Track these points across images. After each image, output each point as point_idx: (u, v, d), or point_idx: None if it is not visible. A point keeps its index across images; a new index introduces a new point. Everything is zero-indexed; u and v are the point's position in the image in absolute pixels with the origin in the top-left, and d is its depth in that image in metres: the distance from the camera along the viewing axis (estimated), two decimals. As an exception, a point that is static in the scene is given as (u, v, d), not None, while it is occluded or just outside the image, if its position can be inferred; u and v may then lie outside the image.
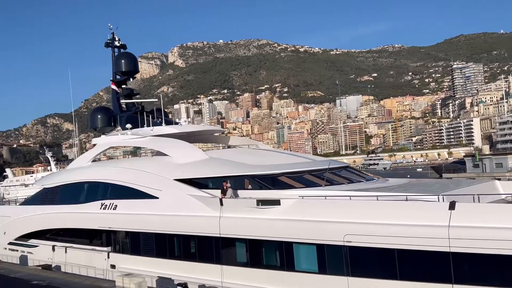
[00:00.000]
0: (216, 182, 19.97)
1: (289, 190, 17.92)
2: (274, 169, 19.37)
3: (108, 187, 23.54)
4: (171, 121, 28.24)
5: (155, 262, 20.31)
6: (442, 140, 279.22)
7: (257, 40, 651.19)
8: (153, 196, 20.97)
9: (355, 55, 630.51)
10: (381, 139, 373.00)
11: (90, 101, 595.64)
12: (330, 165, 19.58)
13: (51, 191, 27.35)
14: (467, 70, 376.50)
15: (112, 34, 29.80)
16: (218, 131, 30.15)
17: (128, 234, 21.80)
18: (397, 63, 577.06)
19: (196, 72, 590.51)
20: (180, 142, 23.37)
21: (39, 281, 20.27)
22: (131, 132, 25.73)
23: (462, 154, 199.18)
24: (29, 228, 27.26)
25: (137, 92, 30.21)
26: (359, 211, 14.82)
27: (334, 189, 17.56)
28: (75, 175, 26.37)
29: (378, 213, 14.41)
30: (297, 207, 16.25)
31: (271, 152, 25.62)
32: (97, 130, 28.57)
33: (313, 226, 15.43)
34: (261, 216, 16.85)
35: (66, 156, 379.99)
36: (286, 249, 16.03)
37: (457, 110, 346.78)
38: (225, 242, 17.92)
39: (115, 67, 28.91)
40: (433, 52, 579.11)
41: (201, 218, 18.68)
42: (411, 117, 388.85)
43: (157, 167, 22.20)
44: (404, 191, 16.06)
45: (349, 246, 14.51)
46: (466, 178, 61.29)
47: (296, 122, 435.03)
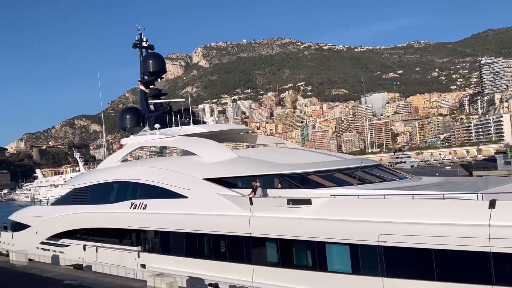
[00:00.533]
0: (245, 182, 19.81)
1: (320, 189, 17.64)
2: (304, 168, 19.10)
3: (137, 186, 23.66)
4: (199, 120, 28.27)
5: (185, 261, 20.29)
6: (470, 137, 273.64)
7: (280, 39, 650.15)
8: (183, 196, 20.96)
9: (380, 52, 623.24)
10: (407, 136, 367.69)
11: (116, 103, 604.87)
12: (361, 164, 19.22)
13: (82, 191, 27.67)
14: (496, 66, 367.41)
15: (139, 35, 30.03)
16: (245, 130, 30.06)
17: (158, 233, 21.85)
18: (423, 59, 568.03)
19: (219, 72, 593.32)
20: (209, 142, 23.33)
21: (71, 281, 20.56)
22: (160, 132, 25.83)
23: (491, 151, 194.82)
24: (60, 228, 27.63)
25: (164, 92, 30.35)
26: (394, 210, 14.44)
27: (366, 188, 17.20)
28: (105, 175, 26.61)
29: (414, 212, 14.02)
30: (329, 206, 15.96)
31: (300, 150, 25.36)
32: (126, 130, 28.80)
33: (345, 225, 15.12)
34: (291, 215, 16.62)
35: (93, 157, 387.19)
36: (318, 249, 15.76)
37: (485, 106, 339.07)
38: (255, 242, 17.75)
39: (143, 67, 29.11)
40: (460, 48, 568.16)
41: (231, 218, 18.56)
42: (438, 114, 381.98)
43: (186, 167, 22.20)
44: (440, 190, 15.61)
45: (384, 246, 14.15)
46: (498, 176, 59.81)
47: (321, 121, 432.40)
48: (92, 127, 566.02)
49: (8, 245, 32.34)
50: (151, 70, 28.85)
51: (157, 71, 29.17)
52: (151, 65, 28.80)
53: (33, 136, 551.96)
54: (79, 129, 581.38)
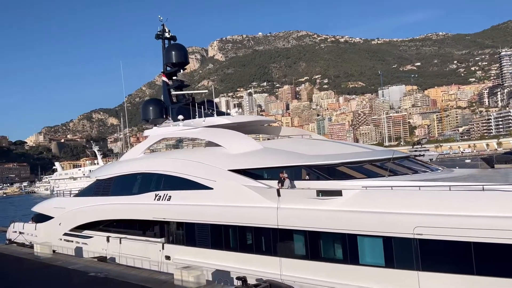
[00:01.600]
0: (272, 173, 19.50)
1: (350, 181, 17.23)
2: (333, 159, 18.68)
3: (161, 178, 23.51)
4: (223, 112, 27.99)
5: (210, 253, 20.10)
6: (490, 130, 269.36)
7: (296, 31, 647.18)
8: (208, 187, 20.74)
9: (397, 44, 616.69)
10: (425, 129, 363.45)
11: (133, 96, 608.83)
12: (391, 155, 18.75)
13: (105, 182, 27.64)
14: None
15: (162, 26, 29.76)
16: (269, 122, 29.71)
17: (182, 225, 21.68)
18: (441, 52, 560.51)
19: (235, 66, 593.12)
20: (234, 133, 23.04)
21: (96, 273, 20.46)
22: (183, 123, 25.64)
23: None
24: (84, 219, 27.67)
25: (187, 84, 30.12)
26: (431, 202, 13.97)
27: (399, 180, 16.73)
28: (128, 167, 26.53)
29: (452, 204, 13.55)
30: (361, 197, 15.57)
31: (327, 142, 24.95)
32: (149, 121, 28.67)
33: (379, 218, 14.71)
34: (321, 207, 16.27)
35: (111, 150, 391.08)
36: (350, 241, 15.38)
37: (506, 99, 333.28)
38: (283, 234, 17.44)
39: (166, 58, 28.88)
40: (479, 40, 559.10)
41: (258, 209, 18.27)
42: (457, 106, 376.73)
43: (211, 158, 21.96)
44: (478, 181, 15.09)
45: (419, 239, 13.72)
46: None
47: (337, 114, 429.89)
48: (109, 121, 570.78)
49: (32, 236, 32.55)
50: (174, 61, 28.62)
51: (180, 62, 28.92)
52: (174, 56, 28.56)
53: (52, 130, 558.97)
54: (97, 122, 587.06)
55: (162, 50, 29.68)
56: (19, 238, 32.83)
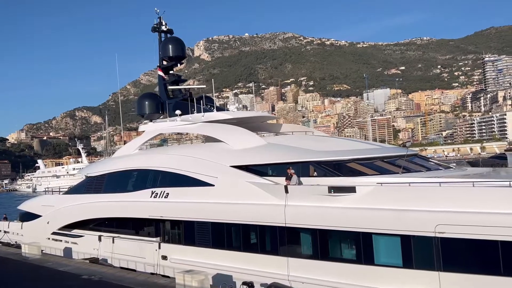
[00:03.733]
0: (277, 169, 18.80)
1: (361, 177, 16.56)
2: (342, 155, 18.01)
3: (158, 174, 22.63)
4: (222, 107, 27.20)
5: (211, 252, 19.27)
6: (473, 134, 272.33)
7: (283, 33, 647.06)
8: (209, 184, 19.92)
9: (382, 48, 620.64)
10: (409, 133, 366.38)
11: (117, 94, 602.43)
12: (401, 153, 18.17)
13: (96, 179, 26.63)
14: (499, 63, 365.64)
15: (159, 19, 28.84)
16: (271, 118, 28.99)
17: (181, 223, 20.82)
18: (425, 56, 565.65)
19: (221, 66, 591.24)
20: (235, 128, 22.25)
21: (89, 276, 19.42)
22: (181, 118, 24.78)
23: (495, 149, 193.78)
24: (74, 218, 26.64)
25: (184, 79, 29.25)
26: (453, 198, 13.34)
27: (413, 177, 16.11)
28: (122, 163, 25.57)
29: (476, 201, 12.93)
30: (377, 194, 14.88)
31: (334, 138, 24.32)
32: (145, 117, 27.77)
33: (397, 215, 14.03)
34: (333, 204, 15.55)
35: (94, 148, 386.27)
36: (364, 240, 14.68)
37: (489, 104, 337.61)
38: (291, 233, 16.70)
39: (162, 52, 28.02)
40: (463, 45, 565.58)
41: (264, 207, 17.51)
42: (440, 111, 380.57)
43: (212, 154, 21.15)
44: (501, 178, 14.52)
45: (441, 238, 13.07)
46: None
47: (322, 116, 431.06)
48: (93, 119, 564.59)
49: (17, 235, 31.36)
50: (171, 55, 27.77)
51: (177, 56, 28.11)
52: (171, 50, 27.71)
53: (34, 127, 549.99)
54: (80, 120, 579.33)
55: (158, 43, 28.77)
56: (4, 237, 31.56)
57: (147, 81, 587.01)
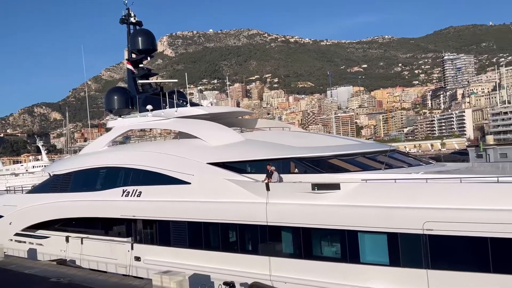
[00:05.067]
0: (256, 166, 18.29)
1: (344, 174, 16.23)
2: (324, 151, 17.66)
3: (130, 172, 21.72)
4: (196, 103, 26.41)
5: (188, 253, 18.60)
6: (434, 131, 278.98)
7: (247, 30, 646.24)
8: (184, 182, 19.21)
9: (345, 46, 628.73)
10: (372, 130, 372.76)
11: (78, 90, 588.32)
12: (382, 148, 17.93)
13: (63, 178, 25.45)
14: (458, 62, 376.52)
15: (127, 10, 27.78)
16: (246, 113, 28.39)
17: (155, 223, 20.03)
18: (387, 54, 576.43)
19: (185, 62, 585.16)
20: (212, 124, 21.57)
21: (58, 278, 18.45)
22: (152, 114, 23.89)
23: (455, 145, 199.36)
24: (39, 218, 25.39)
25: (155, 73, 28.28)
26: (442, 195, 13.14)
27: (397, 173, 15.86)
28: (91, 161, 24.49)
29: (465, 197, 12.76)
30: (362, 191, 14.56)
31: (313, 134, 23.93)
32: (113, 112, 26.66)
33: (383, 212, 13.74)
34: (317, 201, 15.16)
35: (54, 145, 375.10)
36: (349, 238, 14.35)
37: (448, 101, 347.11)
38: (273, 231, 16.22)
39: (131, 45, 26.99)
40: (423, 44, 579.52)
41: (244, 205, 16.96)
42: (402, 108, 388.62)
43: (187, 150, 20.42)
44: (489, 173, 14.42)
45: (429, 235, 12.84)
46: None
47: (287, 113, 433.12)
48: (53, 115, 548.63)
49: (-24, 237, 29.66)
50: (140, 48, 26.80)
51: (147, 49, 27.11)
52: (140, 43, 26.74)
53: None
54: (39, 117, 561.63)
55: (127, 36, 27.72)
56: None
57: (108, 77, 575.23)
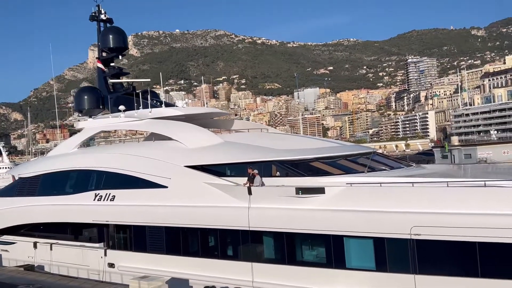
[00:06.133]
0: (236, 169, 17.82)
1: (327, 177, 15.96)
2: (306, 154, 17.33)
3: (102, 175, 20.88)
4: (170, 104, 25.70)
5: (166, 259, 17.95)
6: (398, 132, 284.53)
7: (214, 30, 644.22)
8: (161, 185, 18.55)
9: (312, 48, 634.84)
10: (337, 131, 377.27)
11: (40, 90, 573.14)
12: (364, 151, 17.78)
13: (30, 181, 24.28)
14: (421, 64, 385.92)
15: (97, 7, 26.85)
16: (222, 114, 27.82)
17: (130, 228, 19.29)
18: (352, 57, 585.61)
19: (151, 62, 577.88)
20: (188, 125, 20.96)
21: (26, 285, 17.50)
22: (125, 114, 23.07)
23: (419, 146, 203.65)
24: (5, 223, 24.18)
25: (126, 72, 27.41)
26: (429, 199, 13.01)
27: (379, 176, 15.73)
28: (60, 163, 23.44)
29: (453, 201, 12.67)
30: (347, 195, 14.31)
31: (292, 136, 23.59)
32: (83, 112, 25.65)
33: (369, 217, 13.53)
34: (301, 206, 14.82)
35: (15, 147, 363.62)
36: (335, 243, 14.08)
37: (411, 103, 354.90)
38: (255, 236, 15.79)
39: (102, 43, 26.05)
40: (387, 47, 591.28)
41: (225, 209, 16.47)
42: (367, 109, 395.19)
43: (163, 153, 19.75)
44: (474, 177, 14.41)
45: (417, 240, 12.69)
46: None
47: (255, 114, 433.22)
48: (13, 116, 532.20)
49: None
50: (111, 46, 25.86)
51: (118, 47, 26.18)
52: (111, 41, 25.82)
53: None
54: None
55: (97, 33, 26.82)
56: None
57: (72, 77, 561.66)
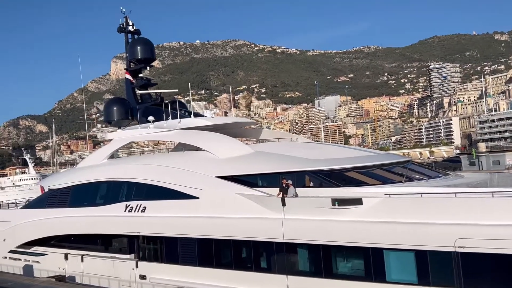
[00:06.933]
0: (267, 180, 17.58)
1: (363, 188, 15.60)
2: (340, 164, 16.98)
3: (133, 186, 20.85)
4: (199, 113, 25.67)
5: (198, 271, 17.74)
6: (421, 139, 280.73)
7: (234, 40, 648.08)
8: (192, 196, 18.40)
9: (332, 56, 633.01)
10: (359, 139, 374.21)
11: (64, 102, 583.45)
12: (399, 159, 17.34)
13: (61, 192, 24.45)
14: (444, 70, 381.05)
15: (125, 19, 27.09)
16: (251, 124, 27.71)
17: (161, 239, 19.17)
18: (373, 64, 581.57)
19: (173, 73, 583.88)
20: (219, 135, 20.81)
21: (59, 296, 17.53)
22: (154, 125, 23.08)
23: (443, 153, 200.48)
24: (36, 234, 24.34)
25: (154, 83, 27.52)
26: (474, 210, 12.51)
27: (418, 186, 15.28)
28: (90, 174, 23.55)
29: (499, 212, 12.15)
30: (386, 206, 13.90)
31: (324, 145, 23.28)
32: (112, 123, 25.82)
33: (410, 229, 13.10)
34: (338, 217, 14.46)
35: (40, 158, 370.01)
36: (374, 256, 13.67)
37: (435, 109, 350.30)
38: (290, 248, 15.47)
39: (130, 54, 26.30)
40: (408, 53, 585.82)
41: (258, 221, 16.21)
42: (389, 117, 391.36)
43: (194, 163, 19.63)
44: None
45: (462, 253, 12.21)
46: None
47: (275, 123, 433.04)
48: (38, 128, 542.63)
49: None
50: (139, 57, 26.12)
51: (146, 58, 26.40)
52: (139, 52, 26.04)
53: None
54: (24, 129, 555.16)
55: (125, 45, 27.03)
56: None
57: (95, 88, 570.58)
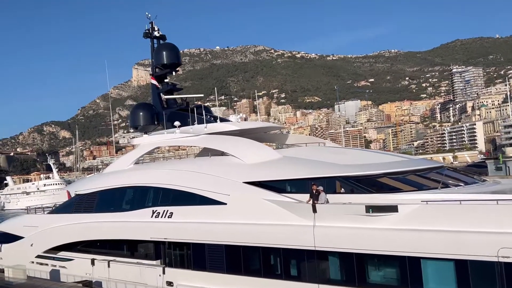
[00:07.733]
0: (296, 186, 17.23)
1: (398, 194, 15.12)
2: (372, 169, 16.54)
3: (159, 192, 20.73)
4: (225, 118, 25.50)
5: (226, 278, 17.47)
6: (444, 144, 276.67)
7: (254, 46, 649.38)
8: (219, 202, 18.16)
9: (352, 61, 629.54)
10: (381, 144, 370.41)
11: (87, 109, 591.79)
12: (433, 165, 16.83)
13: (87, 197, 24.49)
14: (466, 74, 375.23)
15: (150, 24, 27.16)
16: (278, 128, 27.43)
17: (188, 245, 18.97)
18: (393, 68, 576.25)
19: (193, 79, 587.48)
20: (245, 140, 20.58)
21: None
22: (180, 130, 22.97)
23: (467, 158, 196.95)
24: (62, 240, 24.41)
25: (179, 88, 27.48)
26: None
27: (456, 192, 14.75)
28: (116, 180, 23.54)
29: None
30: (423, 214, 13.44)
31: (353, 150, 22.85)
32: (139, 129, 25.83)
33: (449, 237, 12.61)
34: (372, 225, 14.04)
35: (63, 164, 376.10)
36: (411, 265, 13.20)
37: (457, 114, 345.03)
38: (322, 256, 15.09)
39: (155, 59, 26.31)
40: (430, 57, 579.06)
41: (288, 227, 15.88)
42: (410, 121, 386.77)
43: (220, 169, 19.41)
44: None
45: (505, 263, 11.68)
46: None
47: (295, 128, 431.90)
48: (61, 134, 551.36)
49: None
50: (165, 62, 26.12)
51: (172, 64, 26.40)
52: (165, 57, 26.05)
53: (0, 143, 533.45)
54: (48, 135, 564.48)
55: (151, 50, 27.09)
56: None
57: (117, 95, 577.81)
